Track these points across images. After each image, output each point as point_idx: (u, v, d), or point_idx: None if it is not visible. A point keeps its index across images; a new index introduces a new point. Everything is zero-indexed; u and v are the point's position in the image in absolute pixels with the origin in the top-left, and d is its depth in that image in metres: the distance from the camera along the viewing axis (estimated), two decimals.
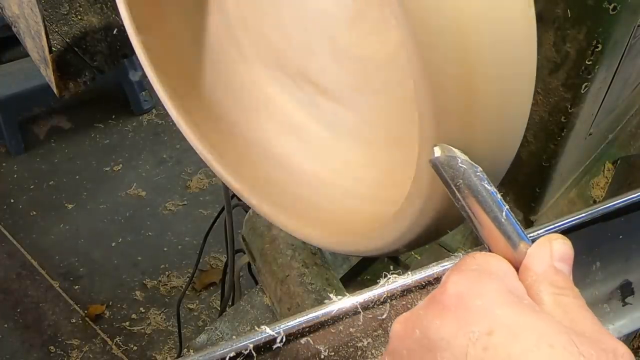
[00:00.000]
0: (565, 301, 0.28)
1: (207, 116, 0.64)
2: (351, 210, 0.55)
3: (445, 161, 0.33)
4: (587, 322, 0.27)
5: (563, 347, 0.24)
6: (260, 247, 0.81)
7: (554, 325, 0.26)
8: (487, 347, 0.25)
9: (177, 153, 2.34)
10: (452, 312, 0.27)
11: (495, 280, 0.29)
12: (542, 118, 0.55)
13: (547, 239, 0.31)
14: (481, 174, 0.32)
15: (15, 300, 1.88)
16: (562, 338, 0.25)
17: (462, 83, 0.31)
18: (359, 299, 0.35)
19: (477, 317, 0.26)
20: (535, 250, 0.31)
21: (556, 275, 0.29)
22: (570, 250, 0.31)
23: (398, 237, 0.43)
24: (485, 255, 0.31)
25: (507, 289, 0.28)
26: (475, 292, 0.27)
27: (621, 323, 0.40)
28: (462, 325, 0.26)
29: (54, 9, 0.83)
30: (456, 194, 0.33)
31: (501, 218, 0.31)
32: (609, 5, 0.45)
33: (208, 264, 1.94)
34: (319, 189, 0.59)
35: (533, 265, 0.30)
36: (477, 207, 0.32)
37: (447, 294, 0.28)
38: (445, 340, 0.26)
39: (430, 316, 0.28)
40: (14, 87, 2.22)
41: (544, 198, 0.62)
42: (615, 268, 0.41)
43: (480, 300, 0.27)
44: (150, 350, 1.76)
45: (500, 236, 0.31)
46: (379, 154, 0.56)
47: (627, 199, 0.39)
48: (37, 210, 2.13)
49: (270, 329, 0.34)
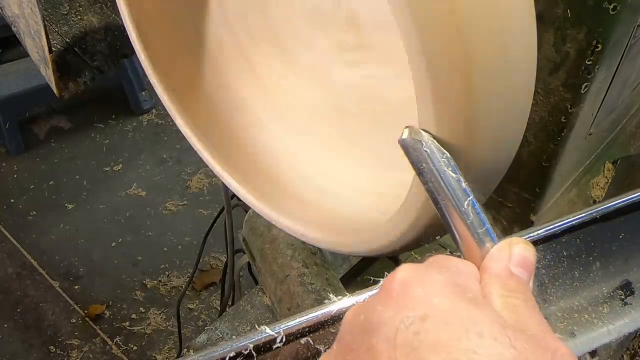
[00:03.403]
0: (514, 303, 0.28)
1: (207, 116, 0.64)
2: (351, 210, 0.55)
3: (411, 144, 0.33)
4: (533, 322, 0.27)
5: (493, 337, 0.24)
6: (260, 247, 0.81)
7: (490, 317, 0.26)
8: (418, 332, 0.25)
9: (177, 153, 2.34)
10: (393, 298, 0.27)
11: (444, 273, 0.29)
12: (542, 118, 0.55)
13: (508, 242, 0.31)
14: (447, 160, 0.32)
15: (15, 300, 1.88)
16: (494, 328, 0.25)
17: (462, 83, 0.31)
18: (359, 299, 0.35)
19: (414, 303, 0.27)
20: (494, 252, 0.31)
21: (509, 278, 0.30)
22: (531, 256, 0.31)
23: (397, 237, 0.43)
24: (450, 257, 0.32)
25: (452, 282, 0.28)
26: (418, 280, 0.28)
27: (621, 323, 0.40)
28: (399, 310, 0.26)
29: (54, 9, 0.83)
30: (422, 178, 0.33)
31: (464, 207, 0.31)
32: (609, 5, 0.45)
33: (208, 264, 1.94)
34: (320, 190, 0.59)
35: (489, 267, 0.30)
36: (441, 193, 0.32)
37: (394, 281, 0.28)
38: (382, 323, 0.26)
39: (375, 302, 0.28)
40: (14, 87, 2.22)
41: (544, 198, 0.62)
42: (615, 268, 0.41)
43: (422, 288, 0.27)
44: (150, 350, 1.76)
45: (464, 227, 0.32)
46: (379, 154, 0.56)
47: (627, 199, 0.39)
48: (37, 210, 2.13)
49: (270, 329, 0.34)
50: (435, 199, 0.33)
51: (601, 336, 0.39)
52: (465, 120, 0.33)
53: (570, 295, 0.39)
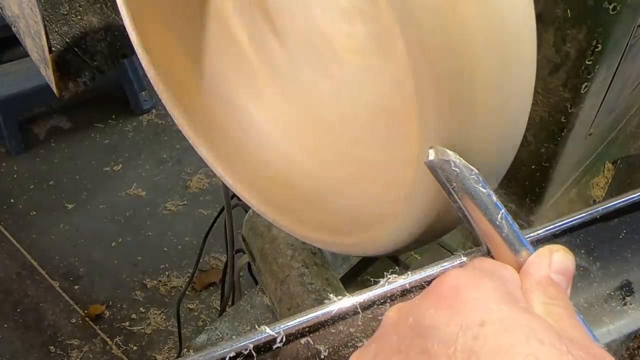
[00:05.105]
0: (555, 310, 0.29)
1: (207, 116, 0.64)
2: (351, 211, 0.55)
3: (439, 164, 0.33)
4: (576, 331, 0.27)
5: (552, 344, 0.25)
6: (260, 247, 0.81)
7: (545, 324, 0.26)
8: (477, 336, 0.25)
9: (177, 153, 2.34)
10: (447, 302, 0.28)
11: (496, 280, 0.29)
12: (542, 118, 0.55)
13: (548, 249, 0.31)
14: (476, 177, 0.32)
15: (15, 300, 1.88)
16: (553, 336, 0.25)
17: (462, 83, 0.31)
18: (359, 299, 0.35)
19: (470, 309, 0.27)
20: (534, 258, 0.31)
21: (550, 285, 0.30)
22: (570, 264, 0.31)
23: (398, 238, 0.43)
24: (494, 261, 0.32)
25: (505, 290, 0.28)
26: (472, 286, 0.28)
27: (621, 323, 0.40)
28: (455, 315, 0.27)
29: (54, 9, 0.83)
30: (453, 197, 0.33)
31: (498, 221, 0.31)
32: (609, 5, 0.45)
33: (208, 264, 1.94)
34: (319, 190, 0.59)
35: (529, 273, 0.31)
36: (475, 210, 0.32)
37: (445, 285, 0.28)
38: (436, 328, 0.26)
39: (425, 305, 0.28)
40: (14, 87, 2.22)
41: (544, 198, 0.62)
42: (615, 268, 0.41)
43: (477, 294, 0.27)
44: (150, 350, 1.76)
45: (499, 239, 0.32)
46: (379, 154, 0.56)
47: (627, 199, 0.39)
48: (37, 210, 2.13)
49: (270, 329, 0.34)
50: (467, 215, 0.33)
51: (601, 336, 0.39)
52: (465, 120, 0.33)
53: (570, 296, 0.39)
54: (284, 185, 0.61)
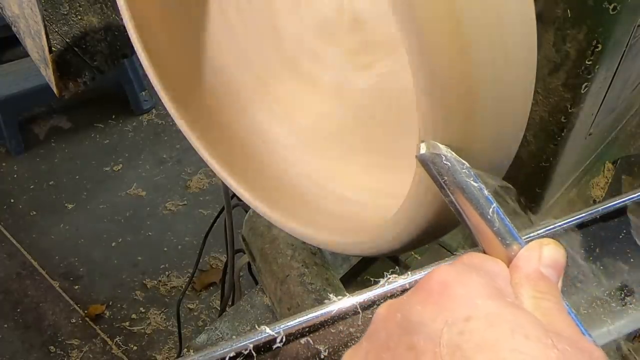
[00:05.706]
0: (545, 305, 0.28)
1: (207, 116, 0.64)
2: (351, 211, 0.55)
3: (430, 158, 0.33)
4: (565, 325, 0.27)
5: (538, 338, 0.25)
6: (260, 247, 0.81)
7: (532, 319, 0.26)
8: (462, 332, 0.25)
9: (177, 153, 2.34)
10: (434, 298, 0.28)
11: (483, 275, 0.29)
12: (542, 118, 0.55)
13: (538, 242, 0.31)
14: (468, 171, 0.32)
15: (15, 300, 1.88)
16: (539, 330, 0.25)
17: (462, 83, 0.31)
18: (359, 299, 0.35)
19: (457, 304, 0.27)
20: (524, 252, 0.31)
21: (540, 279, 0.30)
22: (561, 258, 0.31)
23: (398, 238, 0.43)
24: (483, 256, 0.32)
25: (492, 285, 0.28)
26: (460, 281, 0.28)
27: (621, 323, 0.40)
28: (441, 310, 0.27)
29: (54, 9, 0.83)
30: (444, 191, 0.33)
31: (489, 215, 0.31)
32: (609, 5, 0.45)
33: (208, 264, 1.94)
34: (319, 190, 0.59)
35: (519, 267, 0.31)
36: (466, 204, 0.32)
37: (433, 281, 0.29)
38: (423, 324, 0.27)
39: (413, 301, 0.28)
40: (14, 87, 2.22)
41: (544, 198, 0.62)
42: (615, 268, 0.41)
43: (464, 289, 0.27)
44: (150, 350, 1.76)
45: (490, 233, 0.32)
46: (378, 153, 0.56)
47: (627, 199, 0.39)
48: (37, 210, 2.13)
49: (270, 329, 0.34)
50: (458, 209, 0.33)
51: (601, 336, 0.39)
52: (465, 120, 0.33)
53: (570, 296, 0.39)
54: (283, 185, 0.61)
